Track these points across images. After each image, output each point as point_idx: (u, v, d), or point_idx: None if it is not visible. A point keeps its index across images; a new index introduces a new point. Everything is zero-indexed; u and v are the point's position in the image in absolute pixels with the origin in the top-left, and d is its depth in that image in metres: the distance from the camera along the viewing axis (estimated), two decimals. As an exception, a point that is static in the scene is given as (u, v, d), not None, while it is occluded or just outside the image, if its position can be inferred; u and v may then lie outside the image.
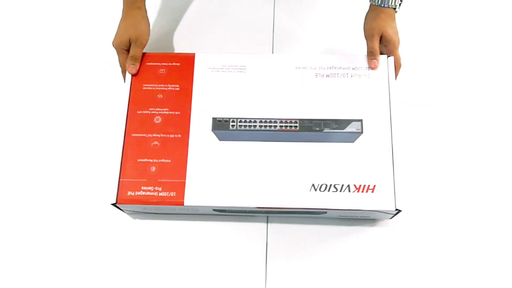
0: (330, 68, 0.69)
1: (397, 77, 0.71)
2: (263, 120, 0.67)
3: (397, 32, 0.70)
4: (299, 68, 0.69)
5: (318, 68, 0.69)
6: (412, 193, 0.70)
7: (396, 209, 0.62)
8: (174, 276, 0.68)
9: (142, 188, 0.64)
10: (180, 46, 0.83)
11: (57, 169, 0.74)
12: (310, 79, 0.69)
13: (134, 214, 0.71)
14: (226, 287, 0.67)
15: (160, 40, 0.83)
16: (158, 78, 0.69)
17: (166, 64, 0.70)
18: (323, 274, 0.68)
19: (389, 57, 0.69)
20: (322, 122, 0.66)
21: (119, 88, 0.70)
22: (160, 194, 0.64)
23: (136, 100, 0.68)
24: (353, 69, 0.69)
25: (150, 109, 0.68)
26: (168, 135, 0.66)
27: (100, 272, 0.68)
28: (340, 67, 0.69)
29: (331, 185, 0.63)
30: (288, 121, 0.66)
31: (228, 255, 0.69)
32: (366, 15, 0.72)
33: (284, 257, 0.69)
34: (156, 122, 0.67)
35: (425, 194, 0.72)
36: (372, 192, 0.63)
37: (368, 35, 0.70)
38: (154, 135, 0.66)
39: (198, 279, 0.68)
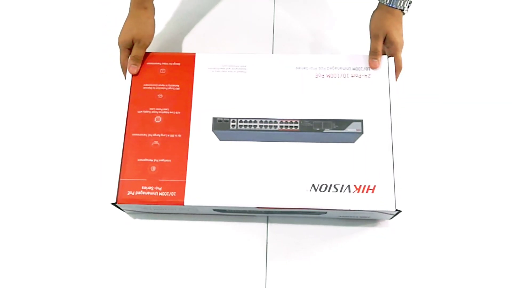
0: (330, 68, 0.69)
1: (397, 78, 0.71)
2: (263, 120, 0.67)
3: (402, 35, 0.69)
4: (299, 68, 0.69)
5: (319, 69, 0.69)
6: (412, 193, 0.70)
7: (396, 210, 0.62)
8: (174, 276, 0.68)
9: (142, 188, 0.64)
10: (180, 46, 0.83)
11: (58, 169, 0.74)
12: (310, 79, 0.69)
13: (134, 213, 0.71)
14: (226, 287, 0.67)
15: (161, 39, 0.83)
16: (158, 78, 0.69)
17: (167, 64, 0.70)
18: (323, 274, 0.68)
19: (389, 58, 0.69)
20: (322, 122, 0.66)
21: (119, 88, 0.70)
22: (160, 194, 0.64)
23: (136, 100, 0.68)
24: (353, 69, 0.69)
25: (151, 109, 0.68)
26: (168, 135, 0.66)
27: (100, 272, 0.68)
28: (340, 68, 0.69)
29: (331, 185, 0.63)
30: (289, 121, 0.66)
31: (228, 255, 0.69)
32: (373, 13, 0.71)
33: (284, 257, 0.69)
34: (157, 122, 0.67)
35: (425, 194, 0.72)
36: (372, 192, 0.63)
37: (373, 35, 0.70)
38: (155, 135, 0.66)
39: (198, 279, 0.68)
